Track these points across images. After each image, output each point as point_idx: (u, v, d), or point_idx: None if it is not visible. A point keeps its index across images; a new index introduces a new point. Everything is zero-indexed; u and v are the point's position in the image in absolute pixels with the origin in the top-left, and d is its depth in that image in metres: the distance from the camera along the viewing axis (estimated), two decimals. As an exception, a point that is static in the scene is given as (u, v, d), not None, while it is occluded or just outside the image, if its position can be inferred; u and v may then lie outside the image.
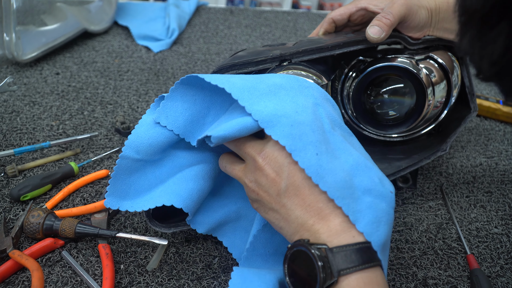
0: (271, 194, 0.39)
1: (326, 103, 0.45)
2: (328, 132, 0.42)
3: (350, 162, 0.40)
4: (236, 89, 0.40)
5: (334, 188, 0.37)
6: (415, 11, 0.59)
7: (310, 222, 0.37)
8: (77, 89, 0.87)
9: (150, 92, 0.89)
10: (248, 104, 0.39)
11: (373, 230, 0.37)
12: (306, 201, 0.38)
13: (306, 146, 0.38)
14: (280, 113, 0.39)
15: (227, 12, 1.42)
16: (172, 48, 1.11)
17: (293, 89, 0.43)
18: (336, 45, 0.58)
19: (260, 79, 0.43)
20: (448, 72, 0.63)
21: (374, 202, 0.38)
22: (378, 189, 0.39)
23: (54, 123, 0.75)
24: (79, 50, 1.04)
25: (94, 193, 0.61)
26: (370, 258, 0.36)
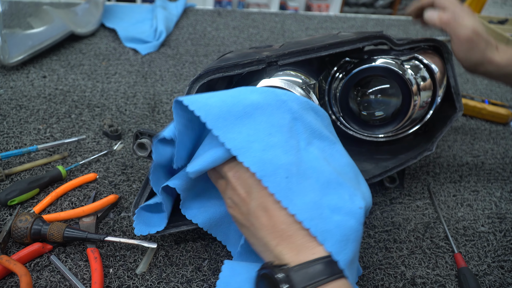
0: (242, 212, 0.42)
1: (307, 114, 0.46)
2: (302, 150, 0.43)
3: (321, 180, 0.41)
4: (211, 116, 0.41)
5: (303, 210, 0.39)
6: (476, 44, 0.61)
7: (274, 243, 0.39)
8: (64, 92, 0.86)
9: (138, 95, 0.88)
10: (221, 132, 0.40)
11: (340, 249, 0.38)
12: (272, 222, 0.39)
13: (276, 170, 0.39)
14: (253, 138, 0.41)
15: (215, 14, 1.42)
16: (159, 50, 1.10)
17: (270, 107, 0.43)
18: (322, 47, 0.58)
19: (238, 99, 0.43)
20: (433, 72, 0.64)
21: (343, 220, 0.39)
22: (348, 206, 0.40)
23: (41, 127, 0.74)
24: (66, 53, 1.03)
25: (82, 197, 0.60)
26: (331, 271, 0.37)
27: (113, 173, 0.66)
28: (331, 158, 0.46)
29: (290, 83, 0.57)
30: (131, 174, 0.66)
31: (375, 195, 0.69)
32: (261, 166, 0.39)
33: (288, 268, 0.36)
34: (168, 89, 0.92)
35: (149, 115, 0.82)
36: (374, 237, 0.61)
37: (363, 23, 1.50)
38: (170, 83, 0.95)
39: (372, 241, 0.60)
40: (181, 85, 0.94)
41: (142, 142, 0.58)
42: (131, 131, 0.76)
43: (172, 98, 0.89)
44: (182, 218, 0.54)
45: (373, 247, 0.59)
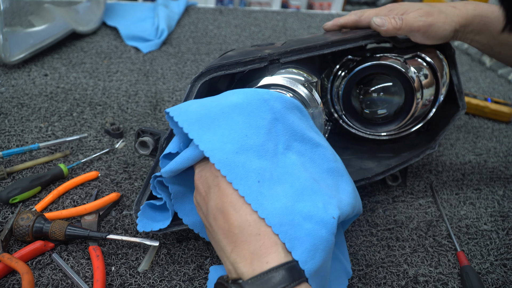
0: (203, 212, 0.41)
1: (290, 114, 0.45)
2: (280, 154, 0.43)
3: (296, 186, 0.41)
4: (188, 121, 0.41)
5: (273, 215, 0.37)
6: (438, 26, 0.59)
7: (229, 249, 0.37)
8: (66, 90, 0.86)
9: (140, 93, 0.88)
10: (196, 135, 0.40)
11: (308, 258, 0.37)
12: (227, 225, 0.38)
13: (248, 174, 0.39)
14: (227, 140, 0.40)
15: (217, 12, 1.41)
16: (161, 48, 1.10)
17: (249, 106, 0.43)
18: (324, 45, 0.58)
19: (217, 101, 0.43)
20: (436, 70, 0.63)
21: (314, 229, 0.39)
22: (320, 215, 0.40)
23: (43, 125, 0.74)
24: (68, 51, 1.03)
25: (84, 195, 0.60)
26: (287, 279, 0.35)
27: (115, 171, 0.66)
28: (310, 164, 0.45)
29: (293, 81, 0.57)
30: (132, 172, 0.66)
31: (377, 193, 0.69)
32: (232, 168, 0.39)
33: (242, 283, 0.35)
34: (169, 87, 0.92)
35: (150, 113, 0.82)
36: (376, 235, 0.61)
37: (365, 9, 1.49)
38: (172, 81, 0.95)
39: (375, 239, 0.60)
40: (182, 83, 0.94)
41: (144, 140, 0.58)
42: (133, 129, 0.76)
43: (174, 96, 0.89)
44: None
45: (375, 245, 0.59)
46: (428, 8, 0.60)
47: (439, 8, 0.61)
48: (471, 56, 1.28)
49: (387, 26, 0.58)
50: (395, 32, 0.59)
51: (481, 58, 1.24)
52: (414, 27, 0.59)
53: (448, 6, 0.63)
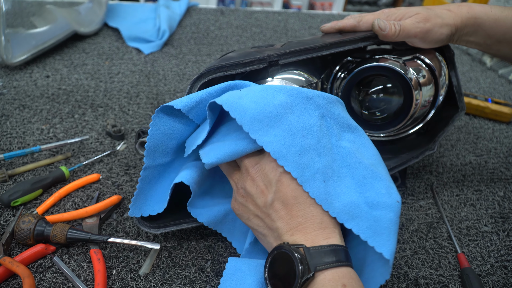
0: (258, 203, 0.43)
1: (334, 107, 0.47)
2: (334, 147, 0.44)
3: (357, 177, 0.43)
4: (246, 119, 0.41)
5: (342, 212, 0.41)
6: (435, 31, 0.59)
7: (289, 233, 0.41)
8: (68, 92, 0.86)
9: (141, 95, 0.88)
10: (258, 136, 0.41)
11: (383, 241, 0.39)
12: (290, 215, 0.41)
13: (314, 175, 0.41)
14: (289, 142, 0.42)
15: (218, 12, 1.41)
16: (162, 49, 1.11)
17: (298, 105, 0.44)
18: (323, 46, 0.58)
19: (267, 99, 0.43)
20: (435, 71, 0.63)
21: (382, 214, 0.41)
22: (385, 200, 0.42)
23: (45, 127, 0.75)
24: (69, 52, 1.03)
25: (85, 197, 0.60)
26: (344, 258, 0.39)
27: (116, 174, 0.66)
28: (363, 149, 0.46)
29: (291, 83, 0.57)
30: (134, 174, 0.66)
31: (377, 195, 0.69)
32: (301, 171, 0.41)
33: (304, 247, 0.39)
34: (171, 88, 0.92)
35: (152, 114, 0.82)
36: (376, 237, 0.61)
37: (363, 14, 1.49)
38: (173, 82, 0.95)
39: (375, 241, 0.60)
40: (183, 85, 0.94)
41: (144, 140, 0.59)
42: (134, 131, 0.76)
43: (175, 97, 0.89)
44: (182, 216, 0.55)
45: (375, 247, 0.59)
46: (426, 12, 0.60)
47: (435, 12, 0.61)
48: (472, 56, 1.27)
49: (387, 31, 0.58)
50: (393, 38, 0.59)
51: (482, 58, 1.24)
52: (411, 33, 0.59)
53: (443, 10, 0.63)
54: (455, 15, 0.62)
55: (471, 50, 1.29)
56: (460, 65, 1.22)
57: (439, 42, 0.62)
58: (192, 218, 0.54)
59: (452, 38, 0.63)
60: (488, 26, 0.62)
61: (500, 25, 0.61)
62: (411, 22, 0.60)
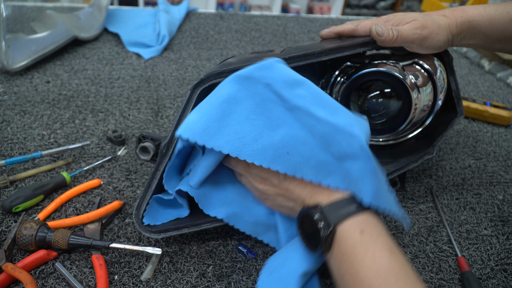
0: (274, 183, 0.49)
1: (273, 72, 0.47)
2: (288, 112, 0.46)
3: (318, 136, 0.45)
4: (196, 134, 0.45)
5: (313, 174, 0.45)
6: (432, 38, 0.60)
7: (309, 196, 0.46)
8: (68, 97, 0.87)
9: (142, 100, 0.89)
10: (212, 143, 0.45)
11: (358, 189, 0.43)
12: (303, 182, 0.47)
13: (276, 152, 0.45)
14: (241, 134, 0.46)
15: (217, 17, 1.42)
16: (162, 54, 1.11)
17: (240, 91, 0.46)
18: (322, 52, 0.58)
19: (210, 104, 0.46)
20: (434, 76, 0.64)
21: (350, 165, 0.43)
22: (348, 151, 0.43)
23: (45, 132, 0.75)
24: (70, 57, 1.04)
25: (87, 203, 0.61)
26: (358, 206, 0.43)
27: (117, 179, 0.66)
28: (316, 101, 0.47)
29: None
30: (135, 179, 0.66)
31: (378, 199, 0.69)
32: (261, 157, 0.45)
33: (321, 206, 0.43)
34: (171, 93, 0.93)
35: (152, 120, 0.82)
36: (377, 241, 0.61)
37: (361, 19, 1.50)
38: (173, 87, 0.95)
39: (375, 245, 0.60)
40: (184, 89, 0.95)
41: (145, 145, 0.59)
42: (135, 136, 0.77)
43: (176, 102, 0.89)
44: (183, 220, 0.55)
45: (376, 251, 0.59)
46: (423, 19, 0.61)
47: (432, 18, 0.62)
48: (470, 60, 1.28)
49: (385, 36, 0.59)
50: (390, 43, 0.59)
51: (480, 62, 1.25)
52: (409, 39, 0.59)
53: (439, 15, 0.63)
54: (450, 20, 0.63)
55: (470, 53, 1.29)
56: (458, 68, 1.23)
57: (436, 48, 0.62)
58: (193, 223, 0.54)
59: (451, 43, 0.63)
60: (484, 27, 0.62)
61: (496, 24, 0.61)
62: (409, 28, 0.60)
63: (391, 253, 0.40)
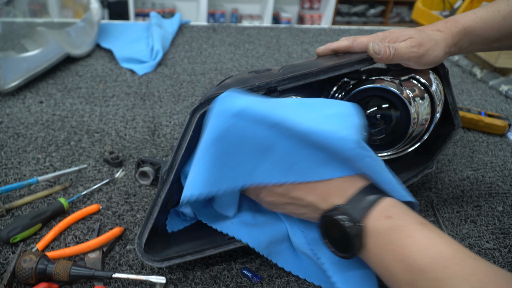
0: (280, 193, 0.48)
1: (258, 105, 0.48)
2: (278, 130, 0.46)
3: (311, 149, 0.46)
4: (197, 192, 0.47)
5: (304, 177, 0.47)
6: (429, 54, 0.60)
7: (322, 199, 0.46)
8: (62, 117, 0.85)
9: (137, 118, 0.88)
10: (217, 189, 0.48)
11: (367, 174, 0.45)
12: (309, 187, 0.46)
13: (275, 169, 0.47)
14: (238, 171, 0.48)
15: (210, 30, 1.42)
16: (156, 70, 1.10)
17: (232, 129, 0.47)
18: (320, 71, 0.58)
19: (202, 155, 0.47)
20: (430, 90, 0.64)
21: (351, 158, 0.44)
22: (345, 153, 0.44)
23: (41, 156, 0.74)
24: (62, 75, 1.02)
25: (86, 230, 0.59)
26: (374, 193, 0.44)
27: (116, 203, 0.65)
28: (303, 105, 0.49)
29: (292, 110, 0.57)
30: (134, 203, 0.65)
31: (379, 215, 0.69)
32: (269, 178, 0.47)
33: (341, 206, 0.43)
34: (167, 110, 0.92)
35: (149, 139, 0.82)
36: (381, 259, 0.61)
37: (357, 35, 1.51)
38: (169, 104, 0.95)
39: (379, 263, 0.60)
40: (179, 106, 0.94)
41: (144, 170, 0.58)
42: (132, 157, 0.76)
43: (172, 120, 0.89)
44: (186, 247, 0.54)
45: (380, 270, 0.59)
46: (419, 36, 0.61)
47: (428, 35, 0.62)
48: (462, 68, 1.29)
49: (382, 54, 0.59)
50: (387, 61, 0.60)
51: (472, 70, 1.26)
52: (405, 57, 0.60)
53: (434, 30, 0.64)
54: (445, 34, 0.63)
55: (461, 61, 1.31)
56: (451, 77, 1.23)
57: (433, 63, 0.63)
58: (196, 249, 0.53)
59: (449, 54, 0.64)
60: (480, 30, 0.63)
61: (490, 25, 0.62)
62: (405, 46, 0.60)
63: (423, 225, 0.41)
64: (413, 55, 0.60)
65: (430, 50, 0.61)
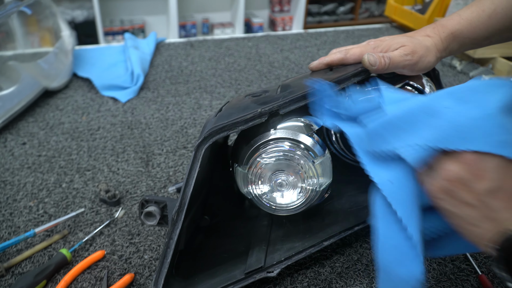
0: (473, 189, 0.38)
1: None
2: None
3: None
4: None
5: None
6: (422, 61, 0.60)
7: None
8: (49, 158, 0.82)
9: (128, 149, 0.85)
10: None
11: None
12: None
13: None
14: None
15: (188, 46, 1.39)
16: (139, 95, 1.07)
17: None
18: None
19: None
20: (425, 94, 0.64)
21: None
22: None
23: (32, 203, 0.70)
24: (42, 112, 0.98)
25: (94, 280, 0.57)
26: None
27: (120, 246, 0.62)
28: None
29: (296, 132, 0.56)
30: (139, 243, 0.63)
31: (388, 224, 0.68)
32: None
33: None
34: (157, 138, 0.89)
35: (144, 171, 0.79)
36: (398, 272, 0.60)
37: (334, 37, 1.51)
38: (158, 130, 0.92)
39: (398, 276, 0.59)
40: (169, 132, 0.91)
41: (150, 211, 0.56)
42: (130, 193, 0.73)
43: (164, 147, 0.86)
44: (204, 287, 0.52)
45: (400, 283, 0.58)
46: (412, 43, 0.61)
47: (419, 41, 0.62)
48: (442, 61, 1.31)
49: (377, 65, 0.59)
50: (382, 71, 0.60)
51: (451, 62, 1.28)
52: (400, 66, 0.60)
53: (424, 36, 0.64)
54: (434, 39, 0.63)
55: (440, 54, 1.33)
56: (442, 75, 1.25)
57: (427, 69, 0.63)
58: None
59: (441, 58, 0.64)
60: (468, 32, 0.63)
61: (477, 25, 0.62)
62: (399, 54, 0.60)
63: None
64: (408, 63, 0.60)
65: (423, 57, 0.61)
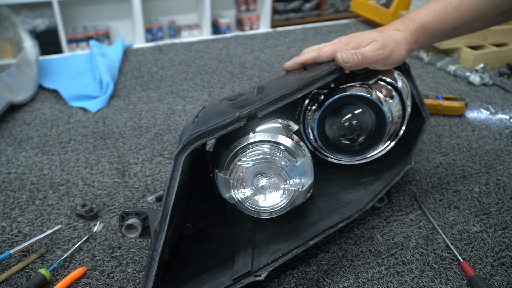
0: None
1: None
2: None
3: None
4: None
5: None
6: (393, 54, 0.62)
7: None
8: (20, 175, 0.78)
9: (102, 160, 0.83)
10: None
11: None
12: None
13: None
14: None
15: (156, 50, 1.37)
16: (110, 103, 1.04)
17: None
18: (297, 90, 0.58)
19: None
20: (398, 87, 0.66)
21: None
22: None
23: (5, 224, 0.67)
24: (8, 127, 0.94)
25: (77, 299, 0.55)
26: None
27: (101, 261, 0.60)
28: None
29: (275, 134, 0.56)
30: (121, 256, 0.61)
31: (370, 218, 0.70)
32: None
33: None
34: (132, 147, 0.87)
35: (120, 181, 0.77)
36: (383, 264, 0.61)
37: (303, 35, 1.52)
38: (132, 139, 0.90)
39: (383, 268, 0.60)
40: (144, 140, 0.90)
41: (131, 223, 0.54)
42: (107, 205, 0.71)
43: (140, 156, 0.84)
44: None
45: (386, 275, 0.59)
46: (382, 38, 0.62)
47: (389, 35, 0.64)
48: (409, 53, 1.34)
49: (351, 62, 0.59)
50: (356, 68, 0.61)
51: (419, 54, 1.31)
52: (372, 61, 0.61)
53: (393, 30, 0.66)
54: (404, 33, 0.65)
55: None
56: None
57: (398, 62, 0.65)
58: None
59: (411, 51, 0.66)
60: (436, 24, 0.65)
61: (444, 17, 0.64)
62: (371, 50, 0.61)
63: None
64: (380, 57, 0.61)
65: (394, 50, 0.62)
